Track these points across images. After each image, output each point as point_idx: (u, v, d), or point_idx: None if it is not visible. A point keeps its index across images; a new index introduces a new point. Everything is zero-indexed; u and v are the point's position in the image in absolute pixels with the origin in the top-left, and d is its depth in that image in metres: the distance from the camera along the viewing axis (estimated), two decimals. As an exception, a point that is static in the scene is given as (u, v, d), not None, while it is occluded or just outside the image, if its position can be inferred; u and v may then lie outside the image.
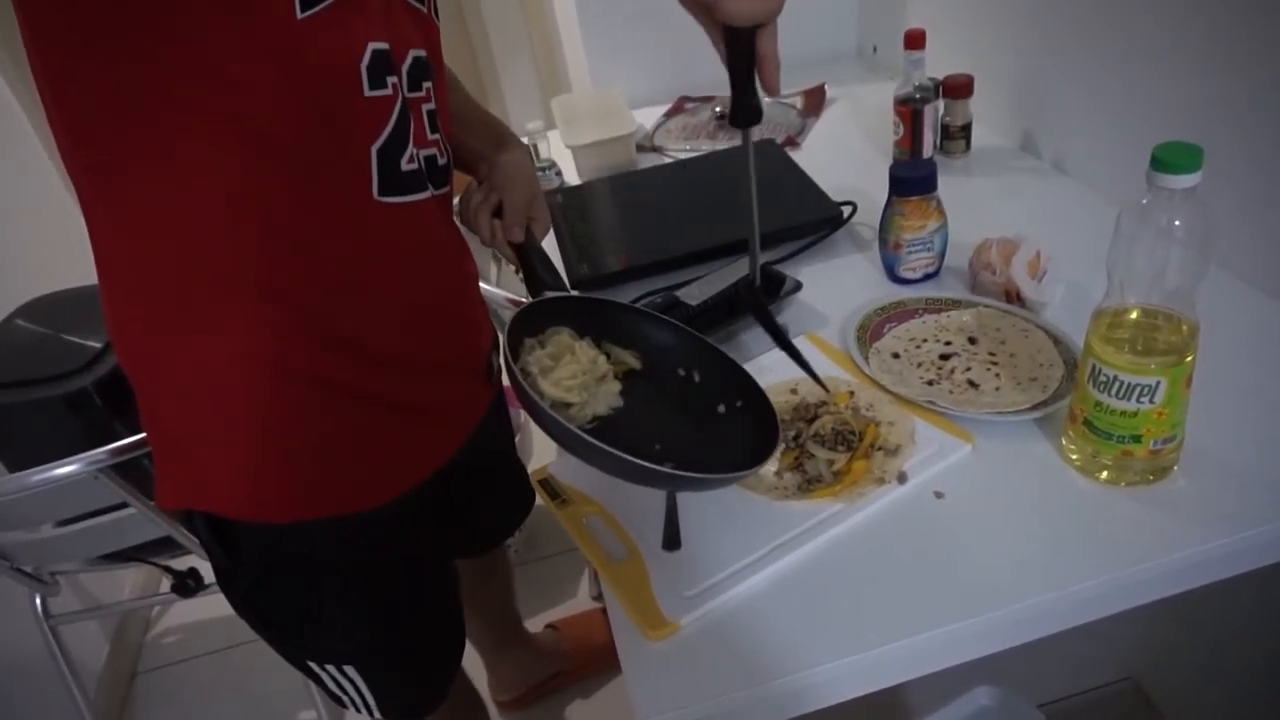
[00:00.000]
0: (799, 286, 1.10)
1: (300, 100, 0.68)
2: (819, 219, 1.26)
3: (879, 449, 0.87)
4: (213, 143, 0.67)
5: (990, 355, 0.96)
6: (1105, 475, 0.80)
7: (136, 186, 0.69)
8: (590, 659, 1.66)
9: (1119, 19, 1.17)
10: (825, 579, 0.76)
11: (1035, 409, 0.87)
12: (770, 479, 0.86)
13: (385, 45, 0.72)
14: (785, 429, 0.90)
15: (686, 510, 0.83)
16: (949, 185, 1.11)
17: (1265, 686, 1.19)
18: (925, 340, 1.00)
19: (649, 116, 1.81)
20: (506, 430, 1.23)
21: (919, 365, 0.96)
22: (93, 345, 1.38)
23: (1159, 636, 1.42)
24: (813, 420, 0.90)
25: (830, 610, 0.73)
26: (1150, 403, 0.73)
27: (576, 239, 1.32)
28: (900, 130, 1.40)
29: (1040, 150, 1.41)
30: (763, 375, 0.98)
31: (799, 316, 1.10)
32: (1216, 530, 0.74)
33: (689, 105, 1.86)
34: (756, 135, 1.66)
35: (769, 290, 1.10)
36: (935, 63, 1.39)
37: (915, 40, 1.34)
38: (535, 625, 1.70)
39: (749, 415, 0.83)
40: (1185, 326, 0.72)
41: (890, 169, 1.09)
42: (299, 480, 0.82)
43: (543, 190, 0.97)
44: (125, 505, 1.26)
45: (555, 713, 1.65)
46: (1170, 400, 0.73)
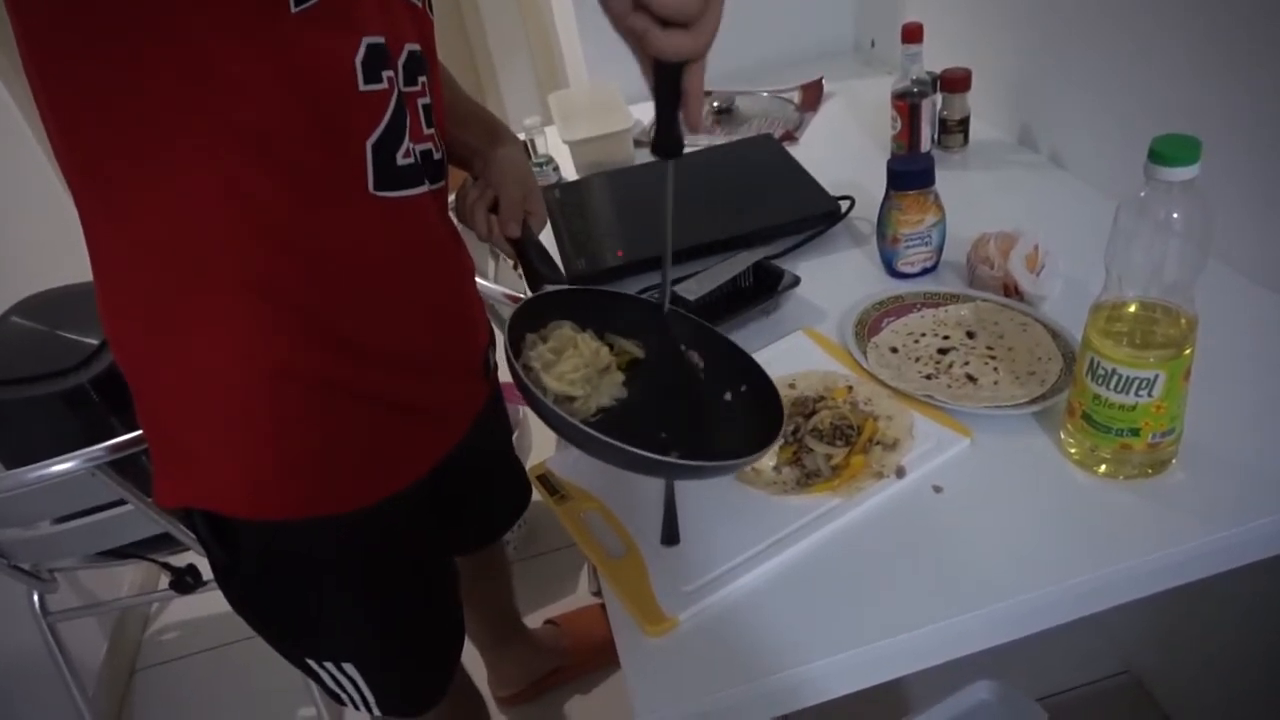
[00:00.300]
0: (797, 281, 1.10)
1: (294, 95, 0.68)
2: (817, 213, 1.26)
3: (877, 443, 0.87)
4: (205, 140, 0.67)
5: (988, 349, 0.96)
6: (1104, 469, 0.80)
7: (130, 186, 0.69)
8: (590, 655, 1.66)
9: (1117, 12, 1.17)
10: (823, 574, 0.76)
11: (1033, 403, 0.87)
12: (769, 474, 0.85)
13: (381, 39, 0.72)
14: (784, 423, 0.89)
15: (685, 506, 0.83)
16: (947, 179, 1.10)
17: (1265, 679, 1.19)
18: (923, 335, 1.00)
19: (646, 112, 1.80)
20: (504, 426, 1.23)
21: (917, 360, 0.96)
22: (89, 342, 1.37)
23: (1158, 630, 1.43)
24: (811, 415, 0.90)
25: (829, 605, 0.73)
26: (1149, 396, 0.73)
27: (574, 234, 1.31)
28: (898, 124, 1.40)
29: (1038, 144, 1.41)
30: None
31: (797, 311, 1.10)
32: (1215, 523, 0.74)
33: (686, 100, 1.85)
34: (753, 130, 1.67)
35: (768, 286, 1.10)
36: (933, 57, 1.39)
37: (913, 34, 1.34)
38: (534, 621, 1.70)
39: (754, 400, 0.82)
40: (1184, 320, 0.72)
41: (888, 163, 1.09)
42: (297, 478, 0.82)
43: (539, 185, 0.97)
44: (123, 502, 1.26)
45: (555, 708, 1.65)
46: (1168, 393, 0.73)
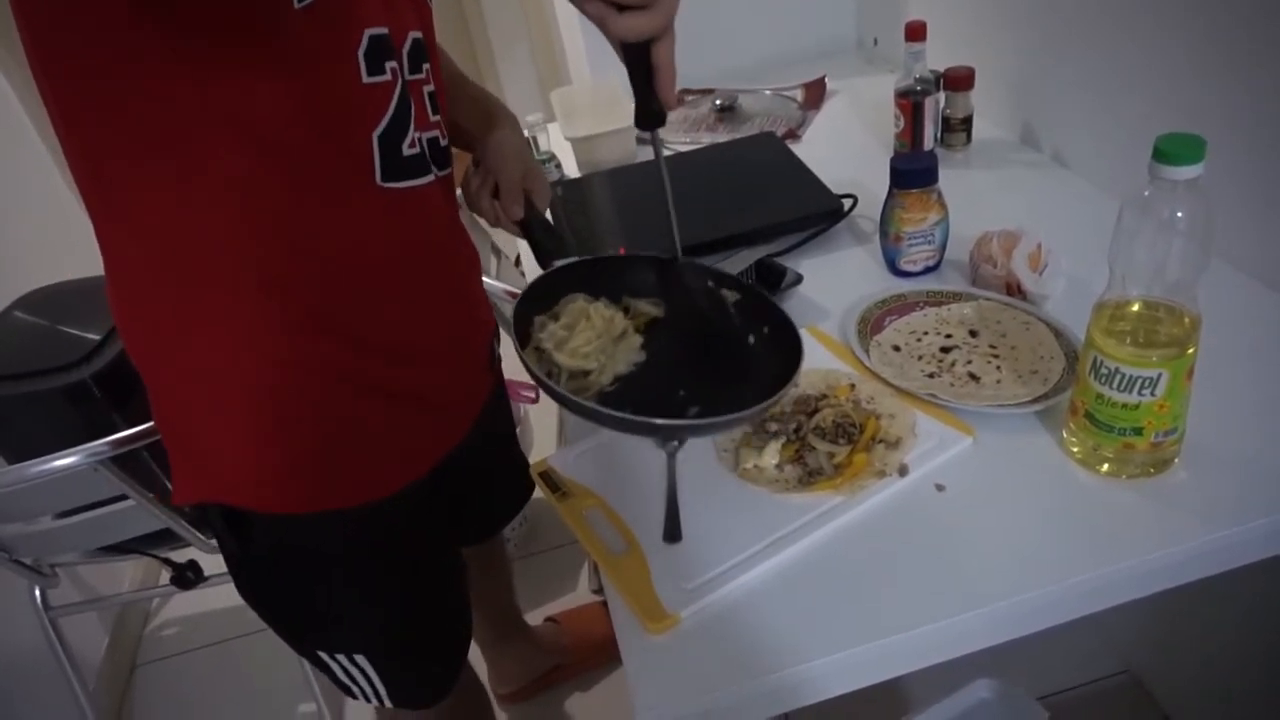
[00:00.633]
0: (799, 279, 1.10)
1: (297, 91, 0.68)
2: (820, 212, 1.26)
3: (880, 442, 0.87)
4: (209, 138, 0.67)
5: (991, 348, 0.96)
6: (1106, 468, 0.80)
7: (135, 184, 0.69)
8: (590, 652, 1.66)
9: (1120, 12, 1.16)
10: (825, 572, 0.76)
11: (1036, 402, 0.87)
12: (771, 472, 0.85)
13: (384, 30, 0.72)
14: (786, 421, 0.90)
15: (687, 503, 0.82)
16: (949, 178, 1.10)
17: (1265, 679, 1.19)
18: (926, 333, 1.00)
19: (649, 109, 1.80)
20: (507, 418, 1.23)
21: (920, 358, 0.96)
22: (92, 337, 1.37)
23: (1158, 629, 1.43)
24: (813, 413, 0.90)
25: (830, 603, 0.73)
26: (1151, 395, 0.73)
27: (576, 231, 1.31)
28: (901, 123, 1.40)
29: (1041, 143, 1.41)
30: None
31: (799, 309, 1.10)
32: (1217, 523, 0.74)
33: (688, 98, 1.85)
34: (756, 128, 1.66)
35: (770, 283, 1.10)
36: (936, 55, 1.39)
37: (916, 32, 1.33)
38: (535, 618, 1.70)
39: (776, 341, 0.80)
40: (1187, 319, 0.72)
41: (891, 161, 1.09)
42: (307, 473, 0.82)
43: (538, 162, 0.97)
44: (124, 497, 1.26)
45: (555, 705, 1.65)
46: (1171, 393, 0.73)
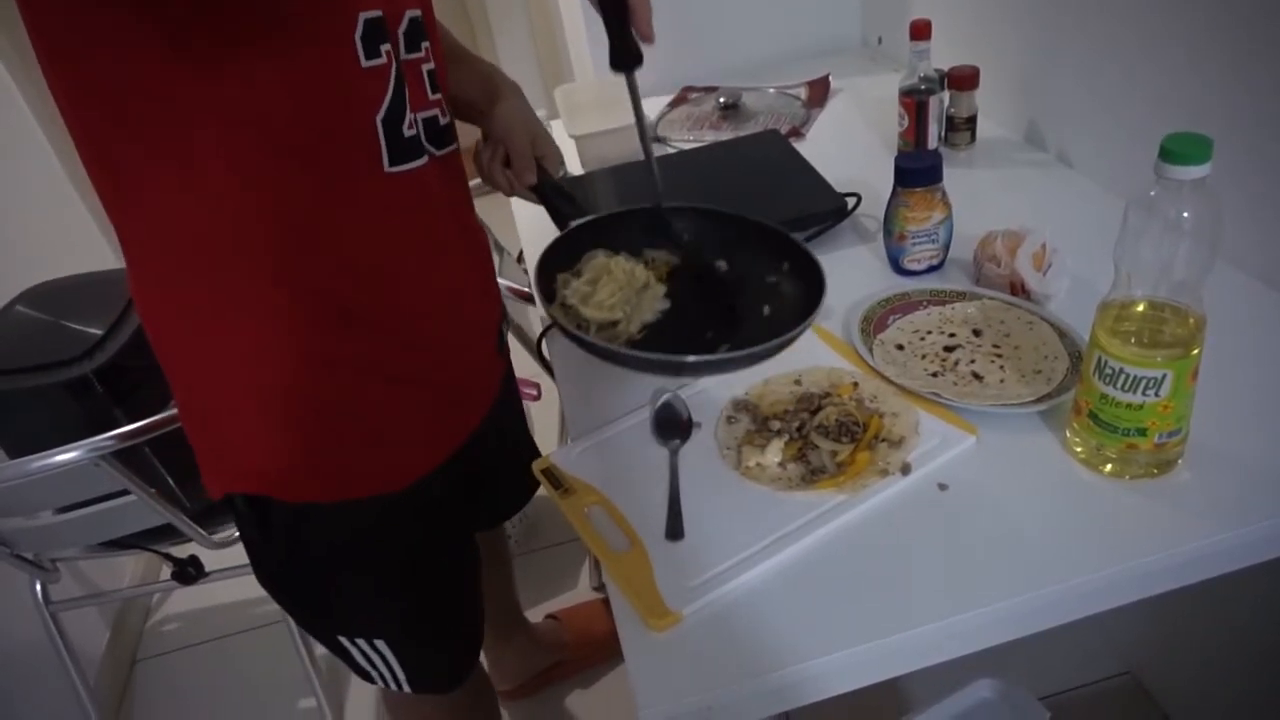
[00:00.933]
0: (803, 278, 1.10)
1: (298, 79, 0.69)
2: (823, 210, 1.25)
3: (883, 440, 0.86)
4: (214, 128, 0.68)
5: (994, 347, 0.96)
6: (1109, 468, 0.80)
7: (145, 176, 0.70)
8: (591, 649, 1.66)
9: (1124, 12, 1.16)
10: (828, 570, 0.76)
11: (1039, 401, 0.87)
12: (773, 470, 0.85)
13: (378, 13, 0.73)
14: (789, 420, 0.89)
15: (689, 501, 0.83)
16: (953, 177, 1.10)
17: (1265, 680, 1.19)
18: (929, 332, 1.00)
19: (653, 106, 1.80)
20: (518, 405, 1.23)
21: (923, 357, 0.96)
22: (94, 332, 1.38)
23: (1159, 630, 1.43)
24: (816, 411, 0.90)
25: (833, 602, 0.73)
26: (1156, 396, 0.73)
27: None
28: (905, 122, 1.40)
29: (1045, 142, 1.41)
30: (769, 366, 0.98)
31: (802, 308, 1.10)
32: (1221, 524, 0.74)
33: (692, 95, 1.85)
34: (760, 126, 1.66)
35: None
36: (940, 54, 1.39)
37: (921, 31, 1.33)
38: (536, 616, 1.70)
39: (798, 276, 0.83)
40: (1192, 319, 0.72)
41: (896, 160, 1.09)
42: (328, 461, 0.85)
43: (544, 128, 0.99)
44: (126, 492, 1.26)
45: (556, 702, 1.66)
46: (1176, 393, 0.73)
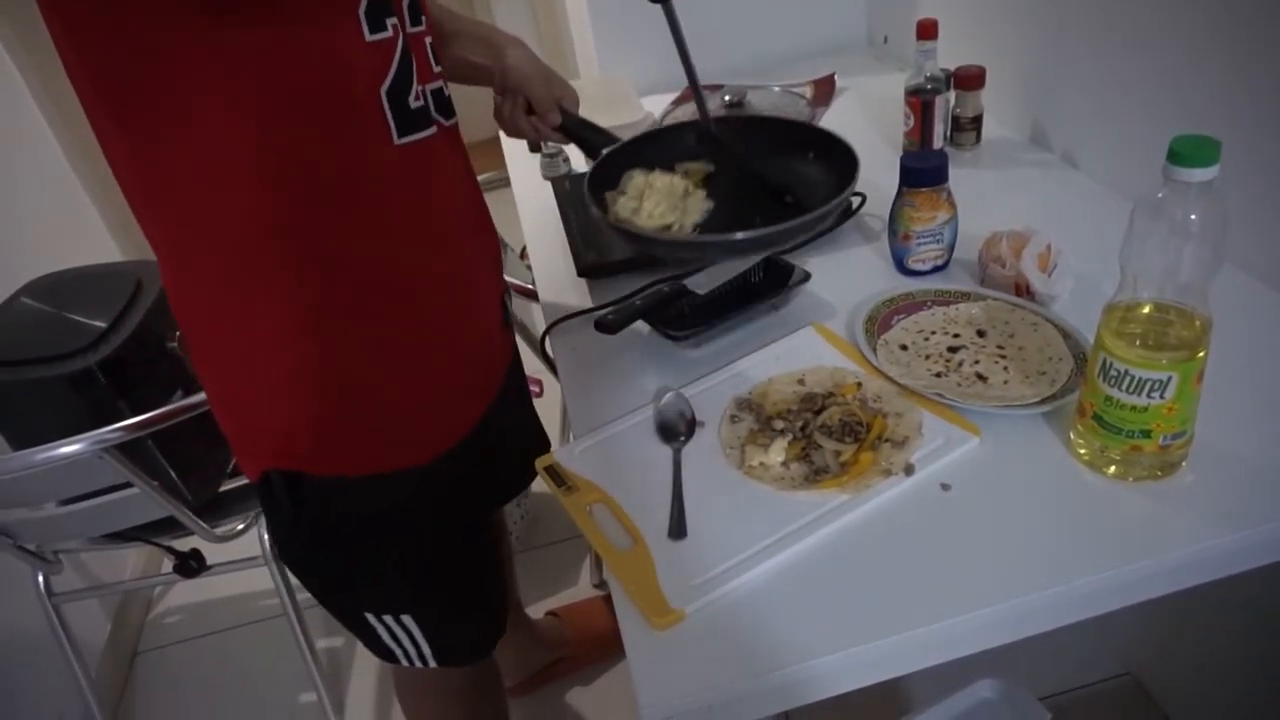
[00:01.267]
0: (807, 277, 1.10)
1: (305, 55, 0.70)
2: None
3: (886, 441, 0.86)
4: (229, 108, 0.69)
5: (999, 348, 0.96)
6: (1113, 470, 0.80)
7: (178, 170, 0.72)
8: (591, 647, 1.66)
9: (1131, 13, 1.16)
10: (831, 570, 0.76)
11: (1044, 403, 0.87)
12: (776, 469, 0.85)
13: None
14: (792, 419, 0.89)
15: (692, 500, 0.83)
16: (958, 177, 1.10)
17: (1264, 682, 1.19)
18: (933, 332, 0.99)
19: (658, 104, 1.80)
20: (524, 382, 1.24)
21: (927, 357, 0.96)
22: (98, 325, 1.38)
23: (1159, 632, 1.43)
24: (820, 411, 0.90)
25: (835, 601, 0.73)
26: (1161, 398, 0.73)
27: (583, 226, 1.31)
28: (910, 121, 1.39)
29: (1050, 143, 1.41)
30: (773, 365, 0.98)
31: (807, 307, 1.10)
32: (1224, 527, 0.74)
33: (697, 93, 1.85)
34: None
35: (778, 281, 1.10)
36: (946, 53, 1.38)
37: (927, 30, 1.33)
38: (536, 613, 1.70)
39: (825, 159, 0.92)
40: (1198, 321, 0.72)
41: (901, 160, 1.08)
42: (360, 434, 0.87)
43: (551, 75, 1.05)
44: (129, 485, 1.26)
45: (556, 699, 1.66)
46: (1181, 396, 0.73)
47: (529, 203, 1.51)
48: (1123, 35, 1.19)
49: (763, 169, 0.93)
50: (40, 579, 1.53)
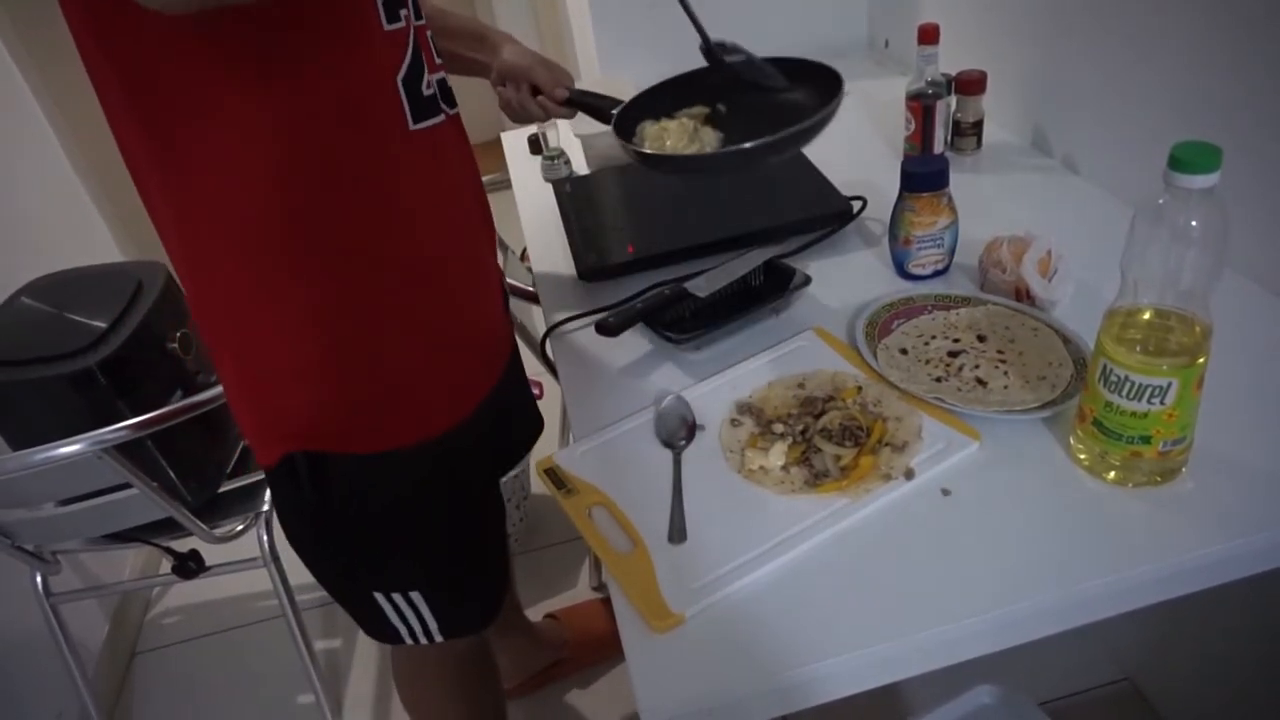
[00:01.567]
0: (808, 281, 1.10)
1: (328, 45, 0.72)
2: (828, 213, 1.25)
3: (886, 445, 0.86)
4: (252, 97, 0.71)
5: (999, 353, 0.96)
6: (1113, 475, 0.80)
7: (202, 160, 0.73)
8: (590, 649, 1.66)
9: (1131, 18, 1.16)
10: (830, 574, 0.76)
11: (1044, 408, 0.87)
12: (776, 473, 0.85)
13: None
14: (792, 423, 0.90)
15: (692, 503, 0.83)
16: (959, 182, 1.10)
17: (1263, 686, 1.19)
18: (934, 337, 1.00)
19: (659, 106, 1.80)
20: (521, 366, 1.25)
21: (927, 362, 0.96)
22: (98, 325, 1.37)
23: (1156, 637, 1.43)
24: (820, 415, 0.90)
25: (835, 605, 0.73)
26: (1161, 404, 0.73)
27: (584, 228, 1.31)
28: (911, 125, 1.39)
29: (1051, 148, 1.41)
30: (773, 369, 0.98)
31: (807, 310, 1.10)
32: (1223, 532, 0.74)
33: (699, 96, 1.85)
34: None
35: (779, 285, 1.10)
36: (948, 58, 1.39)
37: (928, 35, 1.33)
38: (535, 615, 1.70)
39: (811, 85, 1.03)
40: (1198, 328, 0.72)
41: (902, 164, 1.09)
42: (373, 414, 0.89)
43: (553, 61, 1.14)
44: (128, 485, 1.26)
45: (555, 701, 1.66)
46: (1181, 402, 0.73)
47: (530, 205, 1.51)
48: (1124, 41, 1.19)
49: (758, 77, 1.03)
50: (39, 579, 1.53)
